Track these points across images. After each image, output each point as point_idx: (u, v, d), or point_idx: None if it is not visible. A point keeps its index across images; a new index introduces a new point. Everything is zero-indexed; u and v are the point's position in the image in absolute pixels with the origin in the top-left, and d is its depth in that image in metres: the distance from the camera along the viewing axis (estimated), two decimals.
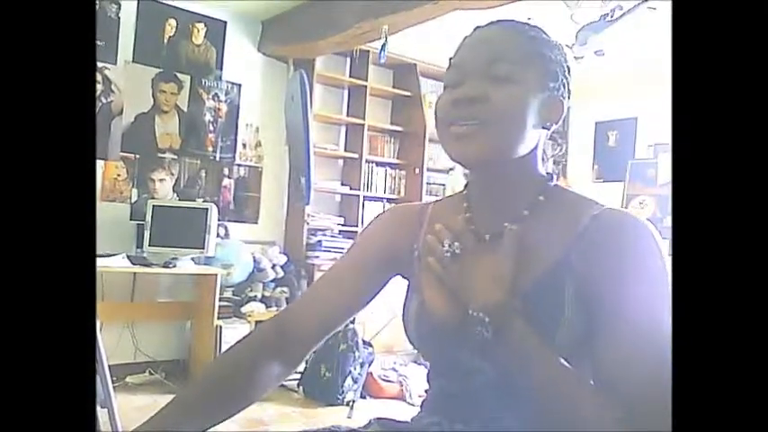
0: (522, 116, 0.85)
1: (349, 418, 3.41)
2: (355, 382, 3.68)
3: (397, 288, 1.06)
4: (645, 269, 0.81)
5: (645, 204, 5.28)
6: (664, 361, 0.75)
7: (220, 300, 3.79)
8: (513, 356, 0.82)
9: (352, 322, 3.83)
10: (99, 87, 3.75)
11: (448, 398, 0.94)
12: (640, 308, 0.79)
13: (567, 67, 0.92)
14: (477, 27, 0.92)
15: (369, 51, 4.56)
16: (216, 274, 3.71)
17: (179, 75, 4.08)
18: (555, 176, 0.95)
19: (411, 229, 1.02)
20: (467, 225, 0.92)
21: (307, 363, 3.89)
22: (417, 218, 1.03)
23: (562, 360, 0.80)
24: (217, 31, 4.23)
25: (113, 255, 3.46)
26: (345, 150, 4.82)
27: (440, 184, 5.23)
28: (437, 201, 1.06)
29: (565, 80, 0.91)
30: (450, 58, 0.92)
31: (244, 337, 1.01)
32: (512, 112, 0.85)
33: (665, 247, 0.80)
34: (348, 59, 4.81)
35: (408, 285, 1.02)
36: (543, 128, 0.90)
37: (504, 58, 0.86)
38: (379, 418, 1.01)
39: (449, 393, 0.94)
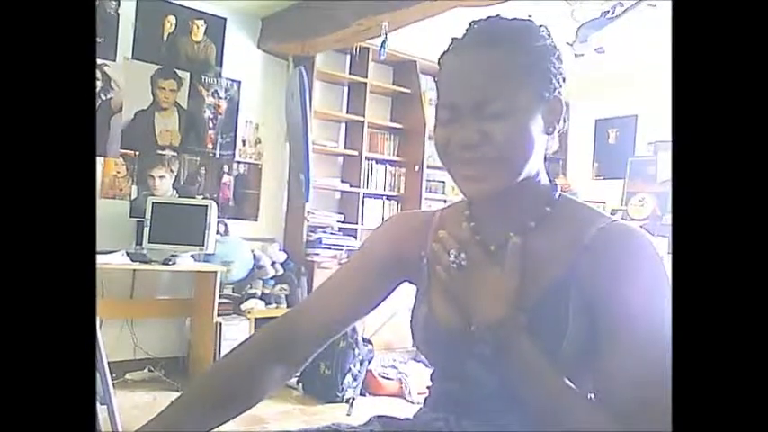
0: (527, 141, 0.84)
1: (348, 415, 3.41)
2: (355, 379, 3.68)
3: (397, 287, 1.05)
4: (649, 284, 0.81)
5: (644, 202, 5.28)
6: (667, 375, 0.76)
7: (220, 297, 3.79)
8: (515, 371, 0.83)
9: None
10: (98, 84, 3.74)
11: (452, 400, 0.94)
12: (644, 322, 0.79)
13: (558, 56, 0.89)
14: (455, 39, 0.89)
15: (369, 48, 4.56)
16: (215, 272, 3.71)
17: (178, 72, 4.08)
18: (557, 186, 0.94)
19: (419, 237, 1.01)
20: (472, 235, 0.92)
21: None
22: (425, 225, 1.02)
23: (564, 377, 0.81)
24: (216, 28, 4.22)
25: (113, 252, 3.45)
26: (345, 147, 4.81)
27: (439, 182, 5.23)
28: (444, 208, 1.05)
29: (559, 75, 0.88)
30: (435, 80, 0.89)
31: (247, 339, 1.01)
32: (516, 143, 0.83)
33: (665, 246, 0.80)
34: (348, 56, 4.80)
35: (417, 292, 1.01)
36: (547, 133, 0.88)
37: (496, 95, 0.82)
38: (379, 416, 1.01)
39: (453, 397, 0.94)
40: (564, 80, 0.90)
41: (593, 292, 0.83)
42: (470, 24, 0.88)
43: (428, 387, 1.02)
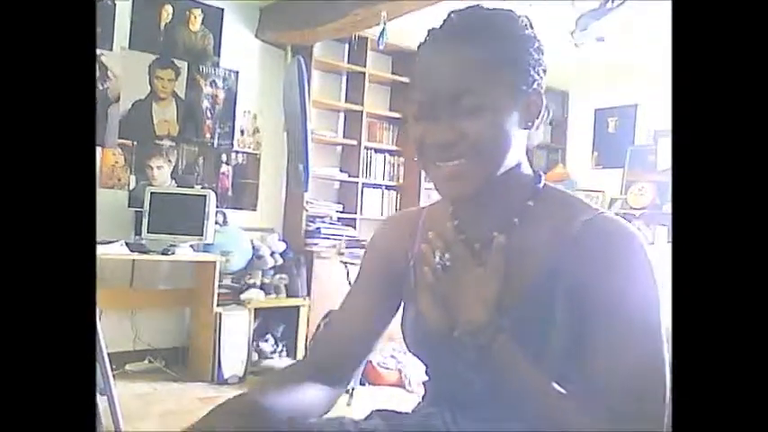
0: (503, 138, 0.83)
1: (348, 405, 3.43)
2: None
3: None
4: (635, 278, 0.80)
5: (644, 191, 5.28)
6: (658, 369, 0.76)
7: (219, 287, 3.79)
8: (500, 374, 0.83)
9: None
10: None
11: (445, 397, 0.95)
12: (631, 316, 0.79)
13: (538, 47, 0.86)
14: (431, 30, 0.87)
15: (367, 38, 4.54)
16: (215, 262, 3.71)
17: (176, 61, 4.06)
18: (541, 177, 0.92)
19: (406, 238, 1.00)
20: (456, 234, 0.90)
21: (307, 350, 3.90)
22: (411, 225, 1.01)
23: (552, 377, 0.81)
24: (214, 17, 4.20)
25: (111, 242, 3.45)
26: (344, 137, 4.80)
27: None
28: (432, 204, 1.04)
29: (538, 67, 0.86)
30: (414, 75, 0.87)
31: (288, 366, 1.01)
32: (493, 140, 0.82)
33: (665, 235, 0.80)
34: (346, 46, 4.79)
35: (405, 293, 1.01)
36: (525, 128, 0.86)
37: (470, 88, 0.80)
38: (379, 410, 1.01)
39: (446, 395, 0.95)
40: (544, 72, 0.87)
41: (579, 287, 0.82)
42: (449, 15, 0.86)
43: (424, 383, 1.02)
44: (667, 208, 4.99)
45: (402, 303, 1.01)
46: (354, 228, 4.62)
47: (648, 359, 0.77)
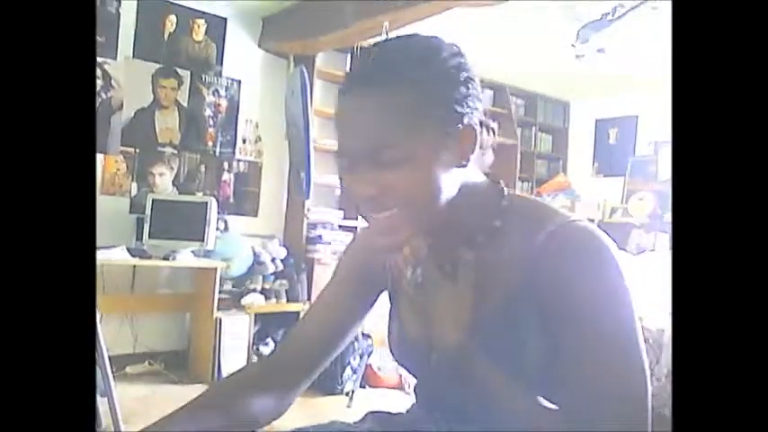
0: (433, 183, 0.78)
1: (348, 407, 3.43)
2: (354, 372, 3.69)
3: (378, 297, 1.05)
4: (602, 287, 0.77)
5: (645, 200, 5.28)
6: (630, 376, 0.75)
7: (220, 292, 3.78)
8: (481, 389, 0.81)
9: None
10: (99, 83, 3.74)
11: (434, 403, 0.95)
12: (602, 326, 0.76)
13: (467, 78, 0.80)
14: (348, 73, 0.83)
15: (369, 48, 4.55)
16: (216, 268, 3.71)
17: (179, 70, 4.07)
18: (504, 191, 0.88)
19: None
20: (427, 252, 0.84)
21: None
22: None
23: (533, 394, 0.79)
24: (217, 27, 4.21)
25: (113, 247, 3.45)
26: None
27: None
28: None
29: (467, 100, 0.79)
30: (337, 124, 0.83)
31: (239, 370, 1.00)
32: (421, 189, 0.78)
33: (666, 242, 0.79)
34: (349, 56, 4.80)
35: (390, 305, 1.01)
36: (460, 166, 0.81)
37: (388, 142, 0.75)
38: (373, 412, 1.01)
39: (434, 401, 0.95)
40: (479, 100, 0.81)
41: (548, 301, 0.79)
42: (371, 48, 0.82)
43: (414, 387, 1.02)
44: (668, 217, 4.99)
45: (389, 314, 1.01)
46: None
47: (626, 368, 0.75)
